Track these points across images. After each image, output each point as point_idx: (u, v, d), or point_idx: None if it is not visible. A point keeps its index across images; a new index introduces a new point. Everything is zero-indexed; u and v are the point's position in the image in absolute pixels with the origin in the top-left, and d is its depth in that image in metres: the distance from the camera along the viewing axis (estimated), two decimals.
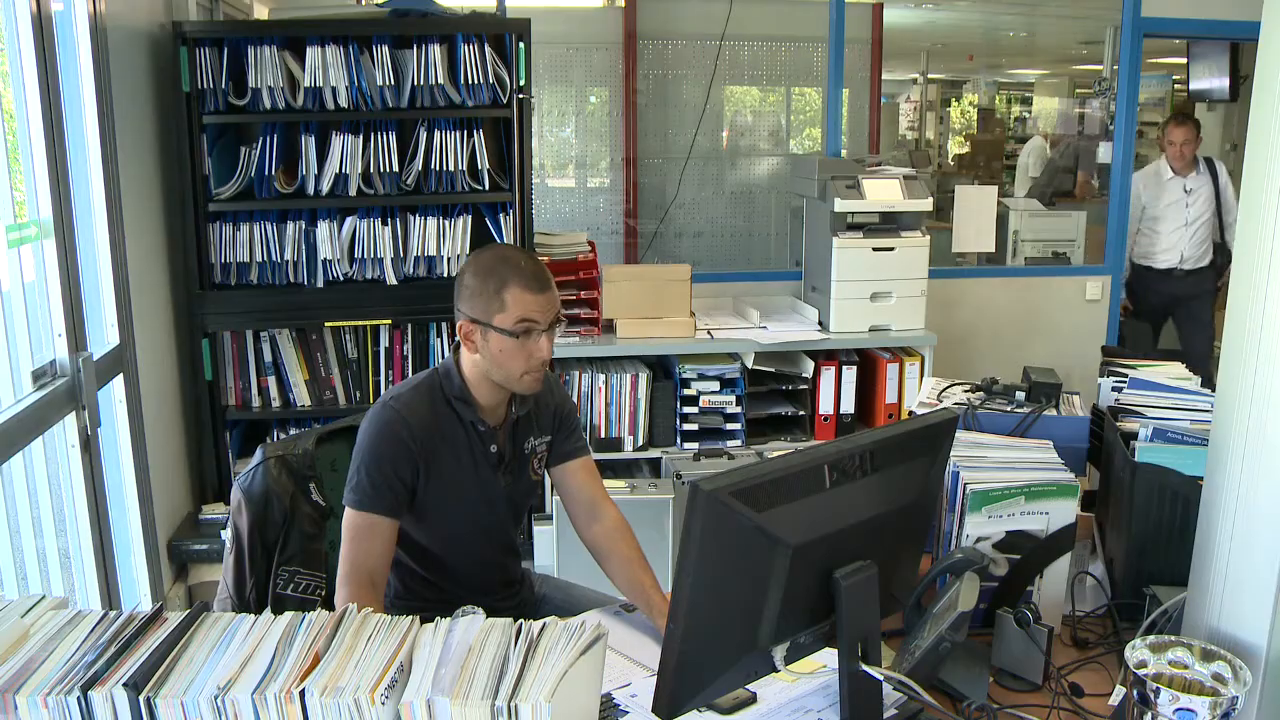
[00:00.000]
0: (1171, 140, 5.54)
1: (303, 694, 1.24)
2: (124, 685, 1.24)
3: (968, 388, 2.54)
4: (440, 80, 3.77)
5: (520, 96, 3.87)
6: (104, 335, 3.05)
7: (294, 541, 2.13)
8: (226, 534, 2.18)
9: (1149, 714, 1.47)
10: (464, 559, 2.21)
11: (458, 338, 2.12)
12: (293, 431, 4.01)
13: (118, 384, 3.09)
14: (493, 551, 2.27)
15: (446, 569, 2.20)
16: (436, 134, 3.83)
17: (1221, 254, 5.77)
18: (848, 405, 4.47)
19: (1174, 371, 2.51)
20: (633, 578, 2.14)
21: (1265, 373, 1.51)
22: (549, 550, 3.77)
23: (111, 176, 3.06)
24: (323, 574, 2.18)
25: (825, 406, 4.45)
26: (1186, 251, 5.62)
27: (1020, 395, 2.43)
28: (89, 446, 2.75)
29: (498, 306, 2.04)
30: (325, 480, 2.21)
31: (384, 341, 4.03)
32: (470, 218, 3.92)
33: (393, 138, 3.82)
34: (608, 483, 3.66)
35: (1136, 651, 1.55)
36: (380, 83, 3.74)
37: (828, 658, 1.72)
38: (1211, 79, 8.35)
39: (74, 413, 2.70)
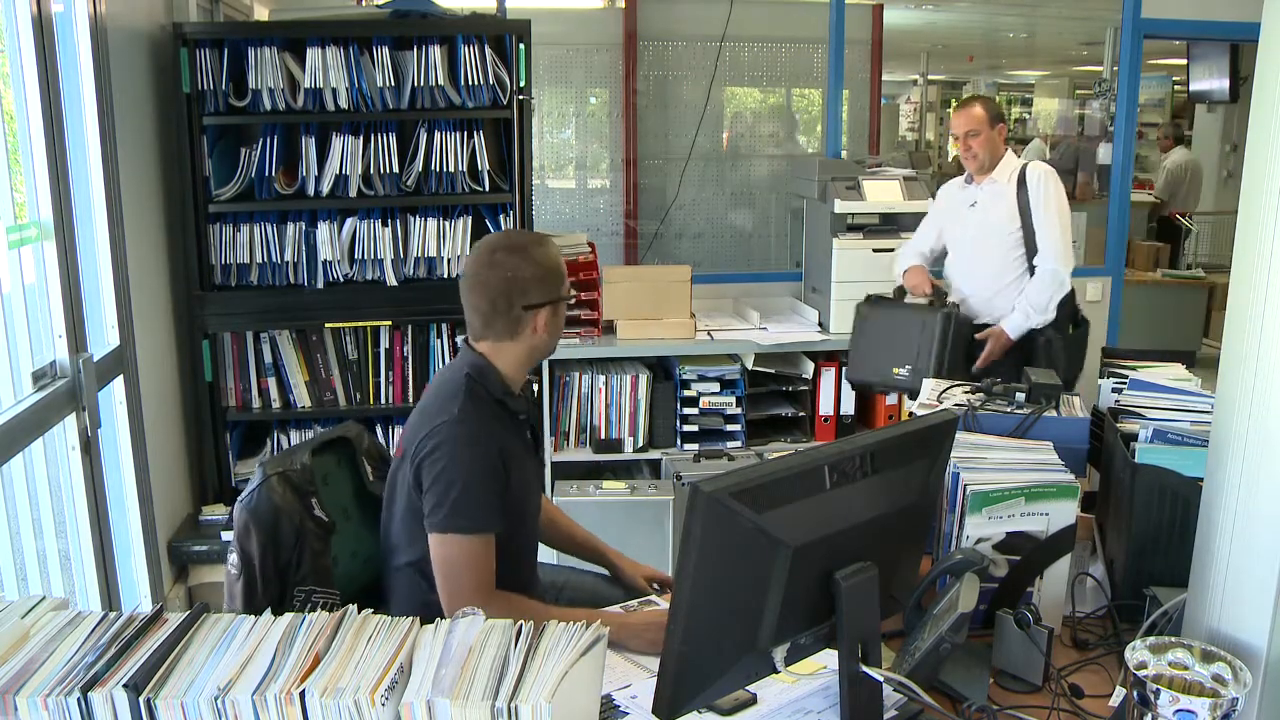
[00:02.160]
0: (954, 131, 3.98)
1: (303, 695, 1.24)
2: (124, 686, 1.24)
3: (968, 389, 2.54)
4: (440, 81, 3.77)
5: (520, 98, 3.87)
6: (104, 336, 3.05)
7: (306, 560, 2.08)
8: (231, 560, 2.08)
9: (1149, 715, 1.47)
10: (526, 547, 2.29)
11: (467, 336, 2.19)
12: (293, 434, 4.02)
13: (118, 385, 3.09)
14: (536, 537, 2.39)
15: (516, 562, 2.21)
16: (437, 135, 3.83)
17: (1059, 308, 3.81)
18: (848, 406, 4.48)
19: (1174, 373, 2.51)
20: (576, 535, 2.54)
21: (1265, 374, 1.51)
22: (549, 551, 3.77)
23: (112, 177, 3.06)
24: (336, 590, 2.15)
25: (825, 408, 4.45)
26: (962, 293, 3.99)
27: (1020, 396, 2.43)
28: (89, 447, 2.75)
29: (559, 278, 2.17)
30: (322, 494, 2.19)
31: (384, 342, 4.03)
32: (470, 219, 3.91)
33: (393, 139, 3.82)
34: (608, 484, 3.70)
35: (1136, 653, 1.55)
36: (380, 84, 3.74)
37: (828, 659, 1.72)
38: (1211, 80, 8.37)
39: (74, 414, 2.70)
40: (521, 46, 3.86)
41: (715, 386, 4.38)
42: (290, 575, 2.07)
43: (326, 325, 3.96)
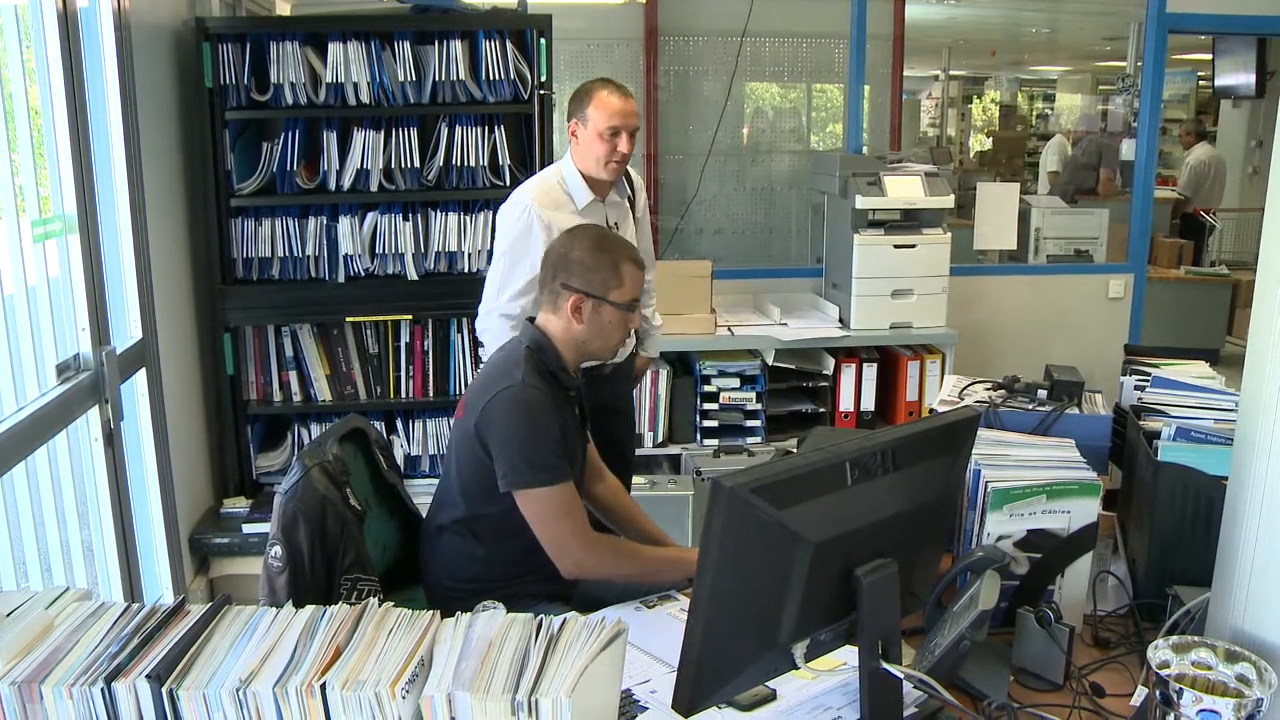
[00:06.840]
0: (611, 122, 2.94)
1: (324, 687, 1.25)
2: (147, 677, 1.25)
3: (989, 386, 2.53)
4: (461, 76, 3.78)
5: (541, 92, 3.87)
6: (127, 329, 3.07)
7: (350, 549, 2.10)
8: (274, 553, 2.06)
9: (1172, 715, 1.46)
10: None
11: (544, 312, 2.27)
12: (314, 427, 4.03)
13: (140, 378, 3.11)
14: None
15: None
16: (458, 130, 3.84)
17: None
18: (868, 403, 4.46)
19: (1198, 370, 2.49)
20: (644, 528, 2.46)
21: None
22: None
23: (135, 172, 3.08)
24: (376, 577, 2.17)
25: (846, 404, 4.44)
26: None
27: (1042, 394, 2.41)
28: (112, 440, 2.77)
29: (615, 283, 2.22)
30: (352, 484, 2.20)
31: (404, 336, 4.04)
32: (491, 213, 3.91)
33: (414, 133, 3.83)
34: None
35: (1159, 652, 1.54)
36: (402, 79, 3.75)
37: (848, 655, 1.72)
38: (1237, 75, 8.27)
39: (97, 406, 2.72)
40: (543, 41, 3.86)
41: (735, 382, 4.37)
42: (337, 565, 2.10)
43: (347, 319, 3.97)
